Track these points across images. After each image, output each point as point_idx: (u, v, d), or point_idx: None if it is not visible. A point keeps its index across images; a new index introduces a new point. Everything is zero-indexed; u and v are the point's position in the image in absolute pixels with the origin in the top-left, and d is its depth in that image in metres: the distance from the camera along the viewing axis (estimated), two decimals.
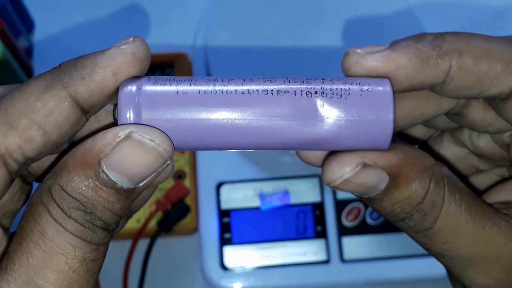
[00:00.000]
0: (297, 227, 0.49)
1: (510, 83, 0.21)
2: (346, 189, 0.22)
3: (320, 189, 0.50)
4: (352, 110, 0.20)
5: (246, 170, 0.50)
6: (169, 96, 0.20)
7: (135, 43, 0.21)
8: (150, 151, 0.20)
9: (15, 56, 0.50)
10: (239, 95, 0.20)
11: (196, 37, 0.56)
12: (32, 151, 0.20)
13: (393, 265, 0.48)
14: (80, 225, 0.20)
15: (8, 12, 0.51)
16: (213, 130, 0.20)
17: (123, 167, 0.20)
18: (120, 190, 0.20)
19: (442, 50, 0.21)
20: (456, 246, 0.22)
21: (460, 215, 0.22)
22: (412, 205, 0.22)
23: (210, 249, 0.48)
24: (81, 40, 0.56)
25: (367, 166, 0.21)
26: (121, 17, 0.58)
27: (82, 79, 0.20)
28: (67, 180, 0.20)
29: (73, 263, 0.20)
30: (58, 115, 0.20)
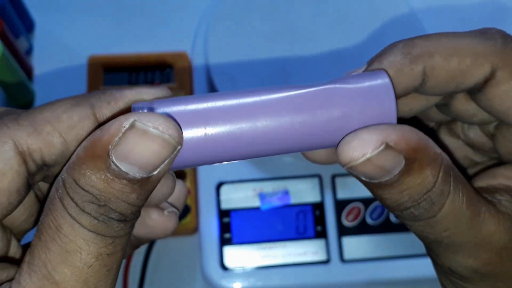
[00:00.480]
0: (297, 227, 0.49)
1: (481, 74, 0.23)
2: (364, 171, 0.21)
3: (320, 189, 0.50)
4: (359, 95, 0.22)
5: (246, 170, 0.50)
6: (182, 114, 0.21)
7: (162, 90, 0.23)
8: (155, 139, 0.19)
9: (15, 56, 0.50)
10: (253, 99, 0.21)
11: (196, 37, 0.56)
12: (51, 156, 0.22)
13: (393, 265, 0.48)
14: (94, 218, 0.20)
15: (8, 12, 0.51)
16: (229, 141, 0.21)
17: (132, 157, 0.19)
18: (133, 180, 0.20)
19: (412, 56, 0.22)
20: (454, 232, 0.22)
21: (462, 203, 0.22)
22: (421, 193, 0.22)
23: (210, 249, 0.48)
24: (81, 40, 0.56)
25: (389, 147, 0.21)
26: (121, 17, 0.58)
27: (108, 104, 0.22)
28: (79, 174, 0.19)
29: (88, 258, 0.20)
30: (80, 129, 0.22)
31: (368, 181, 0.22)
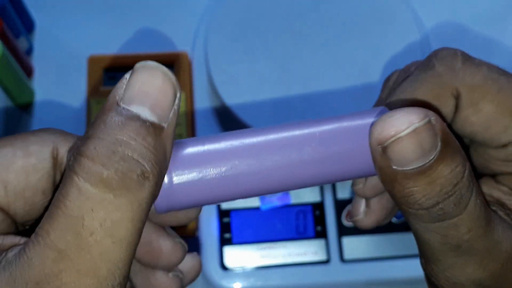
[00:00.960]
0: (297, 227, 0.49)
1: (451, 106, 0.25)
2: (406, 147, 0.20)
3: (320, 189, 0.50)
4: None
5: None
6: (188, 158, 0.21)
7: None
8: (156, 73, 0.20)
9: (15, 56, 0.50)
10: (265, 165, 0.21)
11: (196, 37, 0.56)
12: None
13: (393, 265, 0.48)
14: (106, 169, 0.18)
15: (8, 12, 0.51)
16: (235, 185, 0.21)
17: (139, 96, 0.19)
18: (146, 121, 0.19)
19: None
20: (476, 235, 0.22)
21: (481, 203, 0.22)
22: (453, 183, 0.21)
23: (210, 249, 0.48)
24: (81, 40, 0.56)
25: (430, 123, 0.20)
26: (121, 17, 0.58)
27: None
28: (94, 128, 0.19)
29: (90, 224, 0.18)
30: None
31: (400, 169, 0.20)
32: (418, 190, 0.21)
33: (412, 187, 0.21)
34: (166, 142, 0.20)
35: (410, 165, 0.20)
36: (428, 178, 0.20)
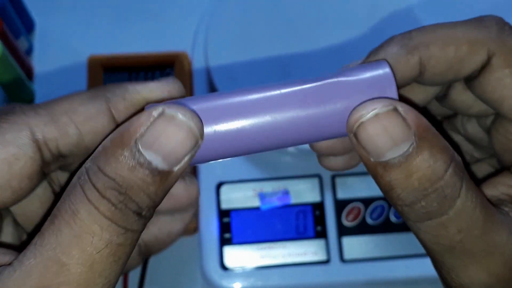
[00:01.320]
0: (297, 227, 0.49)
1: (477, 61, 0.23)
2: (371, 132, 0.21)
3: (320, 189, 0.50)
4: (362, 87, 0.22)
5: (246, 170, 0.50)
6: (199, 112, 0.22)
7: (174, 84, 0.25)
8: (182, 125, 0.20)
9: (15, 56, 0.50)
10: (260, 96, 0.23)
11: (196, 37, 0.56)
12: (66, 146, 0.23)
13: (393, 265, 0.48)
14: (113, 205, 0.20)
15: (8, 12, 0.51)
16: (243, 136, 0.23)
17: (157, 145, 0.20)
18: (155, 171, 0.20)
19: (409, 47, 0.23)
20: (469, 236, 0.22)
21: (477, 204, 0.21)
22: (432, 180, 0.21)
23: (210, 249, 0.48)
24: (81, 40, 0.56)
25: (397, 111, 0.21)
26: (121, 17, 0.58)
27: (123, 99, 0.23)
28: (104, 161, 0.20)
29: (98, 244, 0.20)
30: (95, 122, 0.23)
31: (376, 160, 0.21)
32: (397, 183, 0.21)
33: (391, 180, 0.21)
34: (170, 183, 0.21)
35: (385, 156, 0.21)
36: (405, 171, 0.21)
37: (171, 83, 0.24)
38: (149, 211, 0.21)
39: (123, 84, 0.24)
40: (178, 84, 0.24)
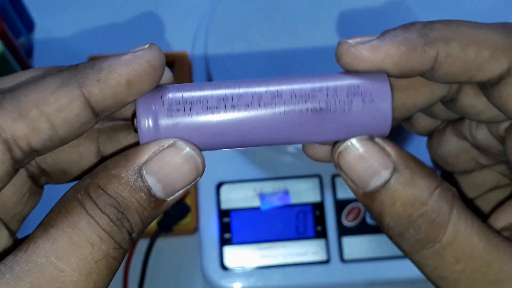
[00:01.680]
0: (297, 227, 0.49)
1: (497, 69, 0.22)
2: (349, 161, 0.22)
3: (320, 189, 0.50)
4: (355, 123, 0.22)
5: (246, 170, 0.50)
6: (183, 103, 0.22)
7: (151, 51, 0.21)
8: (189, 160, 0.21)
9: (15, 56, 0.50)
10: (249, 117, 0.22)
11: (196, 37, 0.56)
12: (38, 142, 0.21)
13: (393, 265, 0.48)
14: (111, 221, 0.20)
15: (8, 12, 0.51)
16: (225, 130, 0.22)
17: (161, 173, 0.21)
18: (152, 197, 0.21)
19: (429, 38, 0.21)
20: (471, 267, 0.21)
21: (473, 231, 0.21)
22: (416, 205, 0.21)
23: (210, 249, 0.48)
24: (81, 40, 0.56)
25: (374, 141, 0.22)
26: (121, 17, 0.58)
27: (97, 81, 0.21)
28: (107, 180, 0.21)
29: (97, 254, 0.20)
30: (68, 112, 0.21)
31: (361, 191, 0.22)
32: (384, 212, 0.22)
33: (379, 209, 0.22)
34: (162, 210, 0.22)
35: (369, 186, 0.21)
36: (389, 199, 0.21)
37: (148, 52, 0.21)
38: (138, 235, 0.21)
39: (97, 62, 0.21)
40: (156, 51, 0.21)
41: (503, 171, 0.27)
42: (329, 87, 0.22)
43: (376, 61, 0.22)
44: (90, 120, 0.21)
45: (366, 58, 0.22)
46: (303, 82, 0.22)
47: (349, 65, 0.22)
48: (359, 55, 0.22)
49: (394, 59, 0.21)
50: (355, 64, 0.22)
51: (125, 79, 0.21)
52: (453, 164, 0.28)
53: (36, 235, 0.20)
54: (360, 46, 0.22)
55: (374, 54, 0.22)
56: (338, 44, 0.22)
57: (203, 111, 0.22)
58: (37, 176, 0.25)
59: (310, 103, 0.22)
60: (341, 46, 0.22)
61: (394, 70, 0.22)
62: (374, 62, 0.22)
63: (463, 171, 0.28)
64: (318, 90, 0.22)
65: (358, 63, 0.22)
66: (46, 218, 0.21)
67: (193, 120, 0.22)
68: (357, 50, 0.22)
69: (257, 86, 0.22)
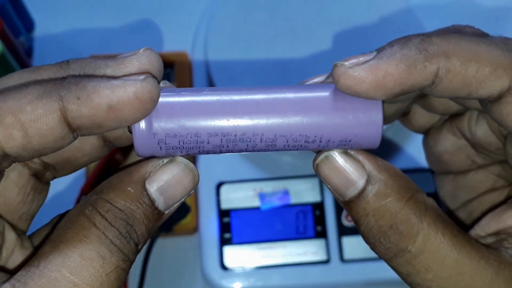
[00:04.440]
0: (297, 227, 0.49)
1: (498, 86, 0.21)
2: (326, 172, 0.23)
3: (320, 189, 0.50)
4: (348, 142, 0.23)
5: (246, 170, 0.50)
6: (175, 107, 0.22)
7: (143, 83, 0.20)
8: (188, 173, 0.23)
9: (15, 56, 0.50)
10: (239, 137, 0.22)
11: (196, 37, 0.56)
12: (11, 149, 0.20)
13: None
14: (120, 234, 0.21)
15: (8, 12, 0.51)
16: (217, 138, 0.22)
17: (164, 187, 0.22)
18: (155, 209, 0.22)
19: (429, 53, 0.21)
20: (441, 276, 0.22)
21: (443, 243, 0.22)
22: (386, 217, 0.22)
23: (210, 249, 0.48)
24: (81, 40, 0.56)
25: (348, 154, 0.23)
26: (121, 17, 0.58)
27: (77, 98, 0.20)
28: (114, 195, 0.22)
29: (107, 267, 0.21)
30: (42, 124, 0.20)
31: (341, 198, 0.23)
32: (359, 221, 0.23)
33: (354, 217, 0.23)
34: (161, 222, 0.23)
35: (346, 195, 0.23)
36: (362, 209, 0.22)
37: (138, 83, 0.20)
38: (142, 246, 0.23)
39: (84, 80, 0.21)
40: (148, 83, 0.20)
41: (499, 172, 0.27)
42: (322, 139, 0.22)
43: (377, 81, 0.21)
44: (65, 136, 0.21)
45: (366, 79, 0.21)
46: (295, 123, 0.22)
47: (349, 88, 0.22)
48: (358, 76, 0.21)
49: (394, 77, 0.21)
50: (355, 86, 0.21)
51: (106, 103, 0.20)
52: (449, 163, 0.28)
53: (46, 251, 0.21)
54: (357, 67, 0.21)
55: (374, 74, 0.21)
56: (334, 67, 0.22)
57: (198, 150, 0.23)
58: (41, 172, 0.25)
59: (302, 149, 0.23)
60: (338, 69, 0.22)
61: (395, 88, 0.21)
62: (374, 83, 0.21)
63: (458, 170, 0.28)
64: (310, 142, 0.22)
65: (357, 85, 0.21)
66: (54, 234, 0.21)
67: (184, 125, 0.22)
68: (355, 71, 0.21)
69: (252, 128, 0.22)
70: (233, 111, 0.22)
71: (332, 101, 0.22)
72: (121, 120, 0.21)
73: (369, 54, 0.22)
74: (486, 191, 0.28)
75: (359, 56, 0.22)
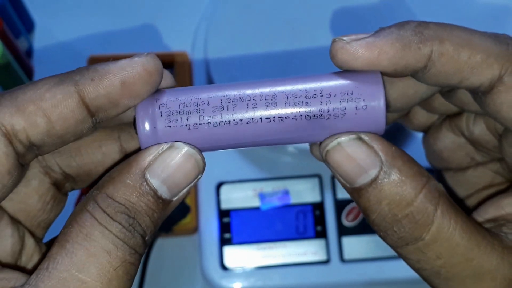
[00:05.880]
0: (297, 227, 0.49)
1: (489, 75, 0.22)
2: (337, 160, 0.22)
3: (320, 189, 0.50)
4: (348, 127, 0.22)
5: (246, 170, 0.50)
6: (180, 107, 0.22)
7: (147, 57, 0.22)
8: (189, 158, 0.22)
9: (15, 56, 0.50)
10: (244, 125, 0.22)
11: (196, 37, 0.56)
12: (36, 136, 0.21)
13: (393, 265, 0.48)
14: (123, 227, 0.21)
15: (8, 12, 0.51)
16: (221, 137, 0.23)
17: (164, 174, 0.22)
18: (159, 199, 0.22)
19: (423, 36, 0.22)
20: (451, 262, 0.22)
21: (455, 230, 0.22)
22: (401, 205, 0.22)
23: (210, 249, 0.48)
24: (81, 40, 0.56)
25: (362, 140, 0.22)
26: (121, 17, 0.58)
27: (91, 80, 0.22)
28: (113, 188, 0.21)
29: (114, 262, 0.21)
30: (63, 108, 0.21)
31: (349, 185, 0.22)
32: (370, 209, 0.22)
33: (365, 205, 0.22)
34: (168, 212, 0.23)
35: (357, 183, 0.22)
36: (375, 197, 0.22)
37: (143, 58, 0.22)
38: (150, 237, 0.22)
39: (94, 65, 0.22)
40: (152, 57, 0.22)
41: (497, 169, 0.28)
42: (322, 93, 0.22)
43: (371, 58, 0.22)
44: (85, 119, 0.22)
45: (361, 55, 0.22)
46: (297, 84, 0.23)
47: (343, 63, 0.22)
48: (354, 52, 0.22)
49: (388, 55, 0.22)
50: (350, 61, 0.22)
51: (119, 79, 0.22)
52: (448, 160, 0.28)
53: (53, 252, 0.21)
54: (354, 43, 0.22)
55: (369, 51, 0.22)
56: (332, 41, 0.22)
57: (199, 119, 0.22)
58: (61, 182, 0.26)
59: (304, 110, 0.22)
60: (336, 44, 0.22)
61: (388, 67, 0.22)
62: (369, 59, 0.22)
63: (457, 168, 0.29)
64: (311, 96, 0.22)
65: (352, 61, 0.22)
66: (61, 234, 0.22)
67: (189, 127, 0.22)
68: (351, 47, 0.22)
69: (252, 90, 0.22)
70: (233, 88, 0.23)
71: (331, 73, 0.23)
72: (135, 94, 0.22)
73: (368, 33, 0.22)
74: (484, 187, 0.28)
75: (359, 34, 0.22)
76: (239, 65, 0.52)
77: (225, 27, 0.53)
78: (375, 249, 0.48)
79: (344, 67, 0.22)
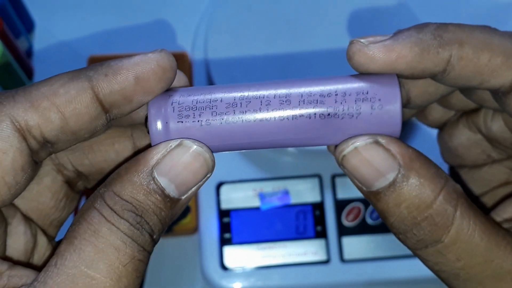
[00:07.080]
0: (297, 227, 0.49)
1: (509, 76, 0.22)
2: (354, 164, 0.22)
3: (320, 189, 0.50)
4: (363, 128, 0.22)
5: (246, 170, 0.50)
6: (193, 106, 0.22)
7: (160, 53, 0.22)
8: (197, 157, 0.22)
9: (15, 56, 0.50)
10: (257, 122, 0.22)
11: (196, 37, 0.56)
12: (50, 132, 0.21)
13: (393, 265, 0.48)
14: (131, 225, 0.21)
15: (8, 12, 0.51)
16: (233, 135, 0.22)
17: (172, 173, 0.21)
18: (167, 197, 0.21)
19: (443, 40, 0.21)
20: (470, 263, 0.22)
21: (475, 231, 0.21)
22: (420, 208, 0.21)
23: (210, 249, 0.48)
24: (81, 40, 0.56)
25: (379, 144, 0.21)
26: (121, 17, 0.58)
27: (105, 76, 0.22)
28: (121, 186, 0.21)
29: (123, 258, 0.20)
30: (78, 103, 0.21)
31: (365, 189, 0.22)
32: (388, 212, 0.22)
33: (382, 208, 0.22)
34: (178, 211, 0.22)
35: (374, 187, 0.22)
36: (394, 200, 0.21)
37: (157, 54, 0.22)
38: (158, 235, 0.22)
39: (108, 61, 0.22)
40: (166, 54, 0.22)
41: None
42: (337, 92, 0.22)
43: (389, 61, 0.21)
44: (99, 115, 0.22)
45: (379, 59, 0.21)
46: (311, 85, 0.22)
47: (361, 66, 0.22)
48: (372, 55, 0.21)
49: (406, 59, 0.21)
50: (367, 64, 0.22)
51: (133, 75, 0.21)
52: (464, 157, 0.28)
53: (62, 249, 0.21)
54: (372, 46, 0.22)
55: (387, 54, 0.21)
56: (350, 43, 0.22)
57: (212, 115, 0.22)
58: (73, 180, 0.26)
59: (318, 109, 0.22)
60: (353, 46, 0.22)
61: (406, 70, 0.22)
62: (386, 63, 0.21)
63: (472, 165, 0.28)
64: (326, 95, 0.22)
65: (370, 64, 0.22)
66: (69, 231, 0.21)
67: (202, 123, 0.22)
68: (369, 50, 0.22)
69: (265, 90, 0.22)
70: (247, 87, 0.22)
71: (346, 75, 0.23)
72: (149, 90, 0.22)
73: (386, 35, 0.22)
74: (499, 184, 0.28)
75: (376, 36, 0.22)
76: (239, 65, 0.52)
77: (225, 27, 0.53)
78: (375, 249, 0.48)
79: (360, 69, 0.22)
